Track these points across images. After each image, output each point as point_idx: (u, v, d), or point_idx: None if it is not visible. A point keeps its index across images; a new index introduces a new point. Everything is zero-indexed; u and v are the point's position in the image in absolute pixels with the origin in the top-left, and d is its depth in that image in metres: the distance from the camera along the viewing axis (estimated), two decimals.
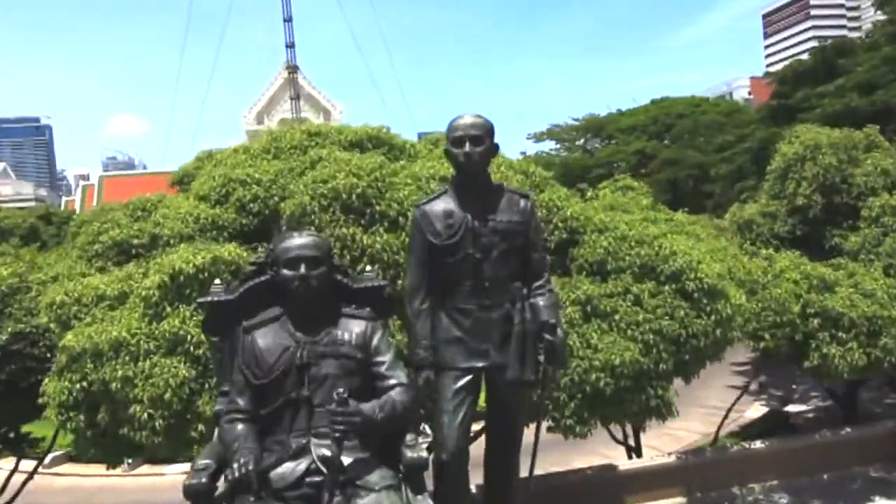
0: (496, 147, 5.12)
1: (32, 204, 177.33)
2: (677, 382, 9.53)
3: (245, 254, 8.01)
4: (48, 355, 9.70)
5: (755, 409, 25.03)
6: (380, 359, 4.33)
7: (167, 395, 6.81)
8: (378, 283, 5.00)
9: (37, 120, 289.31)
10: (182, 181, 12.77)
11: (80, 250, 10.25)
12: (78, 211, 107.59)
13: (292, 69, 36.74)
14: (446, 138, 5.08)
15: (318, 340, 4.24)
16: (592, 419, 8.48)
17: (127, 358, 7.09)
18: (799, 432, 19.00)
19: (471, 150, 4.93)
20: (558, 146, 55.96)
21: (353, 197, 8.31)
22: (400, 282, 7.53)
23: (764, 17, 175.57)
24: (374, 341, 4.37)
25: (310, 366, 4.15)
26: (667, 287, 9.27)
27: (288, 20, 35.73)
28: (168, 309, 7.54)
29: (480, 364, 4.99)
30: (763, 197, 17.01)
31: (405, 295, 5.15)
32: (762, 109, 34.99)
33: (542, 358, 4.76)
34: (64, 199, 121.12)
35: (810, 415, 23.01)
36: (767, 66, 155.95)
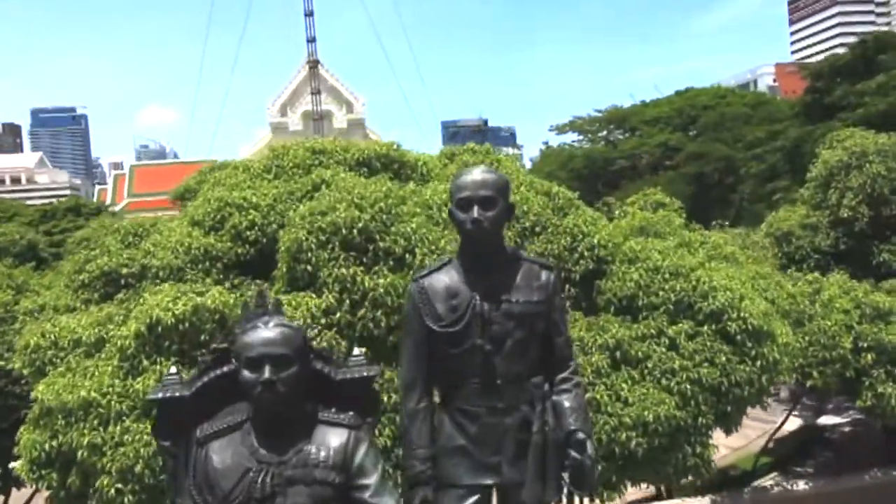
0: (511, 208, 4.17)
1: (67, 192, 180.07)
2: None
3: (232, 298, 7.19)
4: (29, 394, 8.98)
5: (788, 421, 23.91)
6: (363, 481, 3.43)
7: (138, 468, 6.02)
8: (366, 374, 4.10)
9: (73, 110, 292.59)
10: (183, 196, 12.02)
11: (68, 279, 9.52)
12: (109, 200, 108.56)
13: (313, 64, 35.82)
14: (450, 197, 4.16)
15: (286, 461, 3.36)
16: (622, 483, 7.56)
17: (96, 421, 6.32)
18: (836, 450, 17.92)
19: (480, 215, 3.96)
20: (581, 138, 54.61)
21: (355, 232, 7.44)
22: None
23: (790, 2, 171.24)
24: (357, 458, 3.46)
25: (274, 496, 3.29)
26: (706, 328, 8.30)
27: (309, 14, 34.87)
28: (145, 362, 6.75)
29: (490, 481, 4.05)
30: (802, 206, 15.88)
31: (399, 389, 4.23)
32: (795, 105, 33.45)
33: (566, 478, 3.84)
34: (97, 187, 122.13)
35: (846, 428, 21.84)
36: (793, 52, 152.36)
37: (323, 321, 7.07)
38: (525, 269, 4.19)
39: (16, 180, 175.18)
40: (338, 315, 7.12)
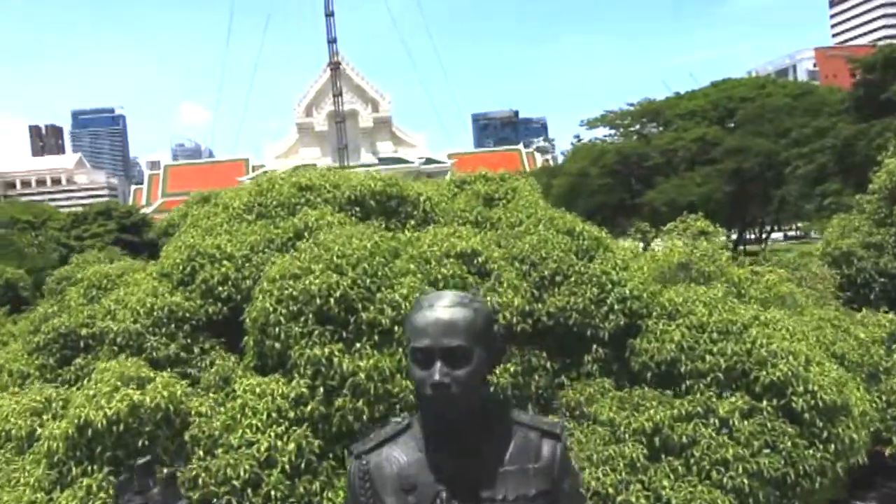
0: (495, 357, 2.80)
1: (105, 192, 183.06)
2: None
3: (180, 389, 5.96)
4: None
5: None
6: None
7: None
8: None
9: (112, 110, 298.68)
10: (167, 232, 10.91)
11: (24, 339, 8.44)
12: (144, 200, 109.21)
13: (335, 66, 34.70)
14: (405, 338, 2.82)
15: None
16: None
17: None
18: None
19: (445, 375, 2.62)
20: (613, 132, 52.63)
21: (332, 301, 6.14)
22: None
23: None
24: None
25: None
26: (765, 403, 6.83)
27: (329, 15, 33.73)
28: (74, 470, 5.55)
29: None
30: (860, 217, 14.15)
31: None
32: (845, 99, 31.16)
33: None
34: (133, 187, 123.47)
35: None
36: (834, 36, 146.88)
37: (292, 414, 5.80)
38: (519, 442, 2.83)
39: (56, 181, 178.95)
40: (310, 406, 5.84)
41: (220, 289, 7.57)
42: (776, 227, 59.16)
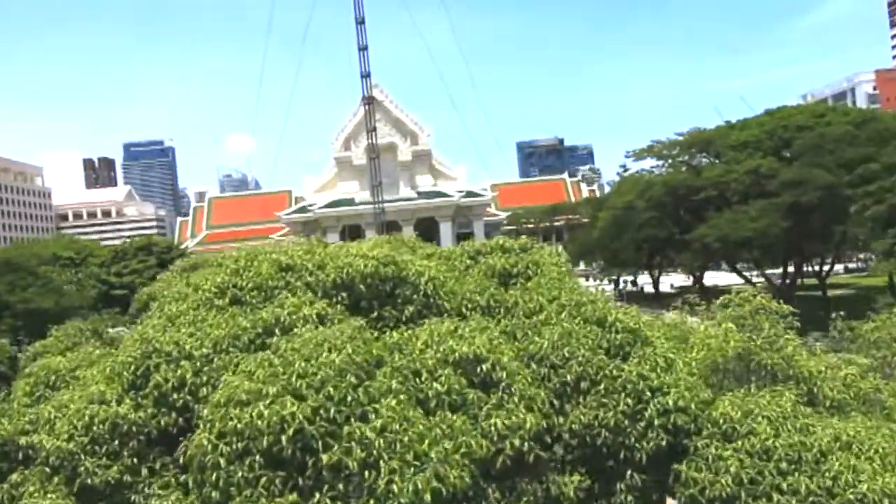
0: None
1: (153, 224, 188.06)
2: None
3: None
4: None
5: None
6: None
7: None
8: None
9: (161, 143, 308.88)
10: (146, 307, 9.85)
11: None
12: (189, 232, 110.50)
13: (368, 101, 33.96)
14: None
15: None
16: None
17: None
18: None
19: None
20: (660, 164, 50.57)
21: (284, 439, 4.82)
22: None
23: (889, 3, 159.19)
24: None
25: None
26: None
27: (363, 49, 32.99)
28: None
29: None
30: None
31: None
32: None
33: None
34: (179, 219, 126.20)
35: None
36: (895, 58, 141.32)
37: None
38: None
39: (106, 213, 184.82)
40: None
41: (175, 396, 6.36)
42: (836, 261, 55.80)
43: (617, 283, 78.26)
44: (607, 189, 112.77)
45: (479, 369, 6.00)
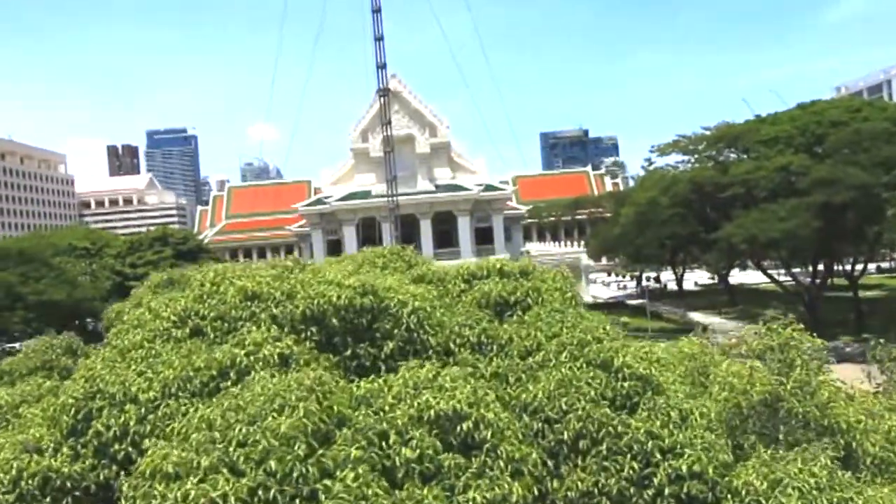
0: None
1: (174, 212, 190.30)
2: None
3: None
4: None
5: None
6: None
7: None
8: None
9: (184, 130, 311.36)
10: (110, 328, 9.10)
11: None
12: (209, 221, 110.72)
13: (384, 92, 33.07)
14: None
15: None
16: None
17: None
18: None
19: None
20: (686, 159, 49.03)
21: None
22: None
23: None
24: None
25: None
26: None
27: (379, 39, 32.04)
28: None
29: None
30: None
31: None
32: None
33: None
34: (199, 208, 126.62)
35: None
36: None
37: None
38: None
39: (128, 201, 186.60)
40: None
41: (117, 447, 5.59)
42: (869, 261, 53.88)
43: (639, 279, 76.82)
44: (632, 183, 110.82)
45: (459, 428, 5.13)
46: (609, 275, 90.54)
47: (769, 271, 48.28)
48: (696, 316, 52.18)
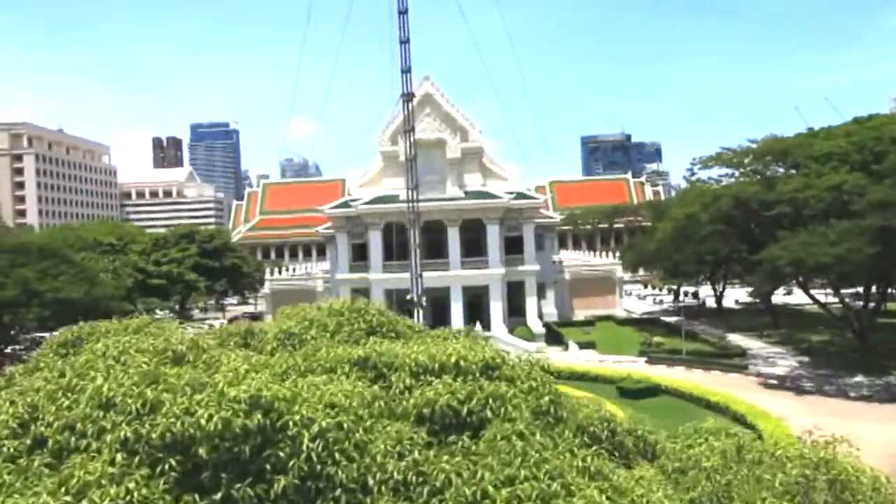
0: None
1: (212, 205, 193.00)
2: None
3: None
4: None
5: None
6: None
7: None
8: None
9: (226, 125, 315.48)
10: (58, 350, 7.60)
11: None
12: (243, 216, 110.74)
13: (408, 97, 31.44)
14: None
15: None
16: None
17: None
18: None
19: None
20: (730, 172, 46.21)
21: None
22: None
23: None
24: None
25: None
26: None
27: (405, 42, 30.41)
28: None
29: None
30: None
31: None
32: None
33: None
34: (235, 203, 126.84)
35: None
36: None
37: None
38: None
39: (168, 193, 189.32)
40: None
41: None
42: None
43: (676, 294, 73.67)
44: (673, 192, 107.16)
45: None
46: (645, 287, 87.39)
47: (815, 291, 45.18)
48: (736, 338, 49.28)
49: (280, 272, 67.56)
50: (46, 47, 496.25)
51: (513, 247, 51.89)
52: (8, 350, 52.90)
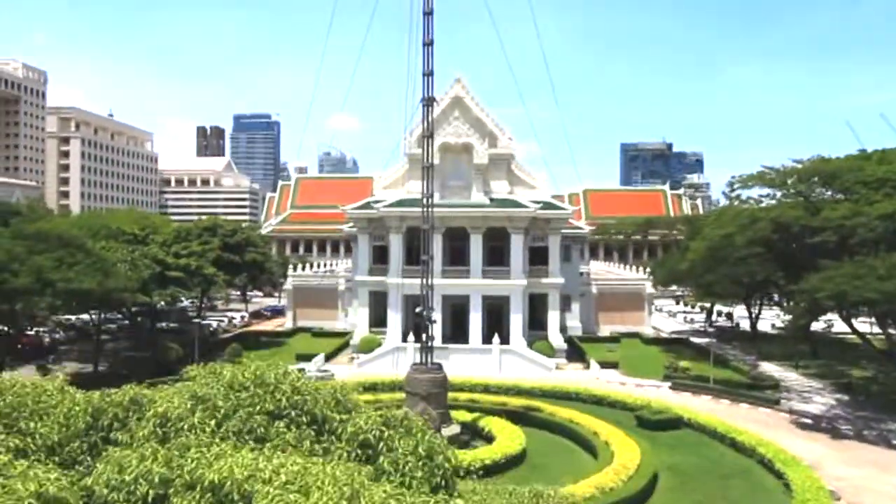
0: None
1: (246, 196, 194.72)
2: None
3: None
4: None
5: None
6: None
7: None
8: None
9: (268, 116, 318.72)
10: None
11: None
12: (275, 209, 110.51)
13: (427, 102, 29.89)
14: None
15: None
16: None
17: None
18: None
19: None
20: (771, 192, 43.59)
21: None
22: None
23: None
24: None
25: None
26: None
27: (428, 44, 28.87)
28: None
29: None
30: None
31: None
32: None
33: None
34: (268, 194, 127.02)
35: None
36: None
37: None
38: None
39: (205, 182, 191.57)
40: None
41: None
42: None
43: (709, 315, 70.68)
44: (712, 206, 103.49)
45: None
46: (677, 303, 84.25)
47: (860, 320, 42.20)
48: (769, 367, 46.49)
49: (304, 268, 66.74)
50: (101, 32, 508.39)
51: (537, 258, 49.96)
52: (31, 332, 53.11)
